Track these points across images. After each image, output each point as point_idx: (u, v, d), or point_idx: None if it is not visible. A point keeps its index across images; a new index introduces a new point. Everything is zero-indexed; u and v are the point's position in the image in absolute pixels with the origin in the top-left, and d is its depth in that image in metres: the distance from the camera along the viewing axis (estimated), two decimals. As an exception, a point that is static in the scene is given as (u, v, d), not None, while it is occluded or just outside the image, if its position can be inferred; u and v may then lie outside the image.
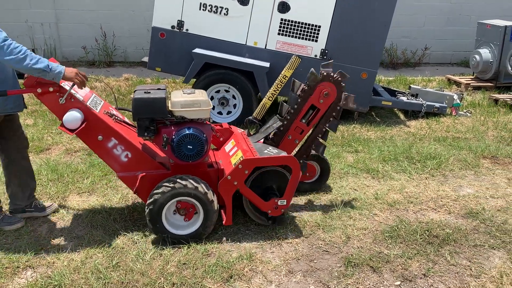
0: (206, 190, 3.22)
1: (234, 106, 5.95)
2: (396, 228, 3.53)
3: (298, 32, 5.82)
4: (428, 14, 9.95)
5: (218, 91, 5.91)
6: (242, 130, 3.91)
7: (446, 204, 3.97)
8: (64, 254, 3.16)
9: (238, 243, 3.33)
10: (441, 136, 5.67)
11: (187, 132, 3.23)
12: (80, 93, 3.30)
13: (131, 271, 2.98)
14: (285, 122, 3.71)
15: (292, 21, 5.79)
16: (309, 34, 5.82)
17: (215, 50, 5.87)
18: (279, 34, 5.85)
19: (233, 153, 3.53)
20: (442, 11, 9.97)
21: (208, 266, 3.03)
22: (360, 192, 4.17)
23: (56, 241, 3.34)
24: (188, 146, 3.23)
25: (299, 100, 3.66)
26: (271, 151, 3.44)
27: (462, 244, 3.36)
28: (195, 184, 3.19)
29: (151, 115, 3.22)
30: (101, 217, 3.64)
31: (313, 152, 3.89)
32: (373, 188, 4.26)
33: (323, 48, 5.85)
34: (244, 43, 5.90)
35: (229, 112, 6.00)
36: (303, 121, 3.74)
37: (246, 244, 3.31)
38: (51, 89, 3.11)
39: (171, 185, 3.16)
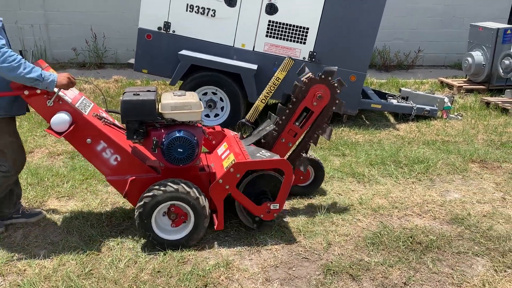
0: (204, 204, 3.16)
1: (222, 108, 5.88)
2: (378, 234, 3.46)
3: (286, 34, 5.75)
4: (421, 16, 9.90)
5: (205, 94, 5.84)
6: (235, 133, 3.84)
7: (431, 209, 3.90)
8: (36, 261, 3.08)
9: (216, 249, 3.25)
10: (430, 140, 5.60)
11: (178, 135, 3.16)
12: (69, 95, 3.24)
13: (104, 279, 2.90)
14: (280, 123, 3.65)
15: (280, 23, 5.72)
16: (297, 36, 5.75)
17: (203, 52, 5.80)
18: (267, 36, 5.78)
19: (225, 157, 3.47)
20: (435, 13, 9.92)
21: (183, 274, 2.95)
22: (344, 197, 4.10)
23: (29, 248, 3.25)
24: (179, 149, 3.17)
25: (303, 87, 3.58)
26: (264, 154, 3.37)
27: (445, 251, 3.29)
28: (197, 195, 3.13)
29: (140, 118, 3.16)
30: (78, 223, 3.56)
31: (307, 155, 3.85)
32: (358, 192, 4.19)
33: (312, 50, 5.78)
34: (232, 45, 5.83)
35: (216, 115, 5.92)
36: (297, 123, 3.69)
37: (224, 251, 3.23)
38: (38, 91, 3.05)
39: (175, 186, 3.10)
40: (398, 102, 6.56)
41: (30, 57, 3.67)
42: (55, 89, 3.07)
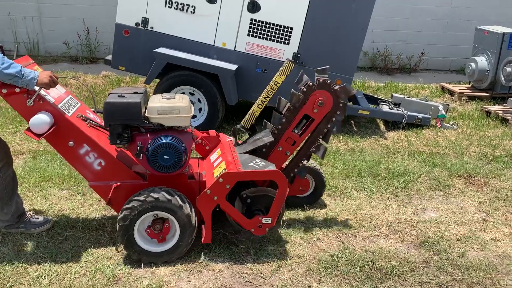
0: (194, 222, 2.98)
1: (200, 110, 5.61)
2: (335, 257, 3.15)
3: (269, 33, 5.45)
4: (426, 18, 9.48)
5: (182, 94, 5.57)
6: (231, 138, 3.60)
7: (401, 230, 3.58)
8: (-42, 273, 2.86)
9: (154, 267, 2.99)
10: (417, 151, 5.25)
11: (164, 141, 2.94)
12: (52, 95, 3.06)
13: (22, 298, 2.67)
14: (276, 132, 3.41)
15: (262, 22, 5.42)
16: (280, 36, 5.45)
17: (182, 50, 5.54)
18: (249, 35, 5.49)
19: (217, 164, 3.24)
20: (441, 15, 9.48)
21: (109, 295, 2.70)
22: (310, 211, 3.80)
23: (-44, 257, 3.04)
24: (164, 156, 2.95)
25: (301, 96, 3.34)
26: (258, 164, 3.12)
27: (406, 280, 2.97)
28: (190, 212, 2.96)
29: (124, 121, 2.94)
30: (16, 230, 3.33)
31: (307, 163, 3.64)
32: (326, 207, 3.88)
33: (296, 51, 5.47)
34: (212, 44, 5.56)
35: (193, 116, 5.65)
36: (296, 131, 3.43)
37: (162, 270, 2.97)
38: (17, 90, 2.87)
39: (168, 197, 2.90)
40: (390, 108, 6.21)
41: (15, 52, 3.48)
42: (36, 88, 2.89)
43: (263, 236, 3.36)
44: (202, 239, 3.04)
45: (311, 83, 3.35)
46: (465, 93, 7.70)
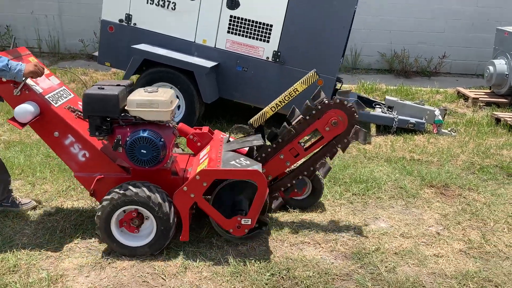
0: (168, 211, 2.94)
1: (178, 107, 5.57)
2: (249, 262, 2.97)
3: (249, 31, 5.32)
4: (449, 19, 8.92)
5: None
6: (225, 135, 3.58)
7: (337, 239, 3.33)
8: None
9: (59, 259, 2.96)
10: (396, 157, 4.91)
11: (141, 135, 2.97)
12: (42, 85, 3.17)
13: None
14: (280, 141, 3.36)
15: (242, 19, 5.30)
16: (260, 33, 5.30)
17: (164, 47, 5.53)
18: (228, 32, 5.39)
19: (202, 161, 3.24)
20: (465, 15, 8.90)
21: (1, 285, 2.69)
22: (248, 214, 3.63)
23: None
24: (142, 151, 2.98)
25: (313, 112, 3.30)
26: (240, 163, 3.06)
27: (314, 293, 2.75)
28: (168, 211, 2.93)
29: (102, 113, 2.99)
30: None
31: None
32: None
33: (276, 49, 5.31)
34: (193, 41, 5.51)
35: (173, 113, 5.62)
36: (302, 144, 3.36)
37: (66, 263, 2.93)
38: (4, 79, 2.99)
39: (148, 193, 2.90)
40: (382, 111, 5.88)
41: (12, 43, 3.59)
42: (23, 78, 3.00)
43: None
44: (180, 237, 3.01)
45: (327, 101, 3.27)
46: (480, 99, 7.16)
